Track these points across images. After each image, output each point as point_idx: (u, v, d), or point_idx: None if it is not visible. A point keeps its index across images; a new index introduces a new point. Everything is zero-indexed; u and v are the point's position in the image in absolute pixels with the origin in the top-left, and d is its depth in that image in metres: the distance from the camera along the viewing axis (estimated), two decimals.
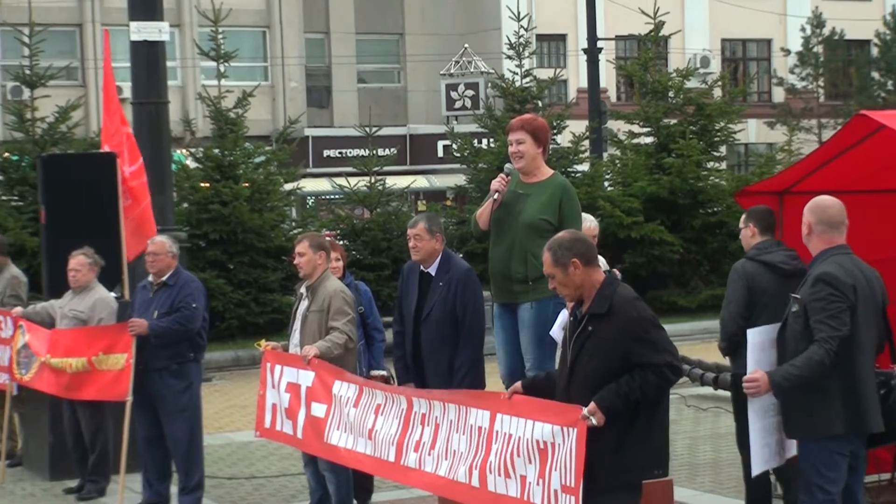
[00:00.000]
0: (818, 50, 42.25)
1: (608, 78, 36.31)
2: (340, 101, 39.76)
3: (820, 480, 6.49)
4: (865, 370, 6.52)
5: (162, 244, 9.52)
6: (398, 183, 22.75)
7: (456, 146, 23.09)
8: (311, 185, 27.34)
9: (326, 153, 36.91)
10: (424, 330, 8.39)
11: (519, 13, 22.98)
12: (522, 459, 6.18)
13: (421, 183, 34.51)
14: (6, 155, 20.09)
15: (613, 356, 5.94)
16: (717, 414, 12.50)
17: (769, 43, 44.14)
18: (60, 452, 10.57)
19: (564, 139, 23.66)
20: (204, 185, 20.20)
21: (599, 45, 28.19)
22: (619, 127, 26.01)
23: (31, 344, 10.34)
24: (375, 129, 22.22)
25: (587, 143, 23.90)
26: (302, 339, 8.55)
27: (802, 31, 42.12)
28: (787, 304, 6.81)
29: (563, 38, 40.94)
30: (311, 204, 27.12)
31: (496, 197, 8.37)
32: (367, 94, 39.53)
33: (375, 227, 20.91)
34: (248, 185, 20.32)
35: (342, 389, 7.95)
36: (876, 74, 42.79)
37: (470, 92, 37.01)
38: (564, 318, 7.50)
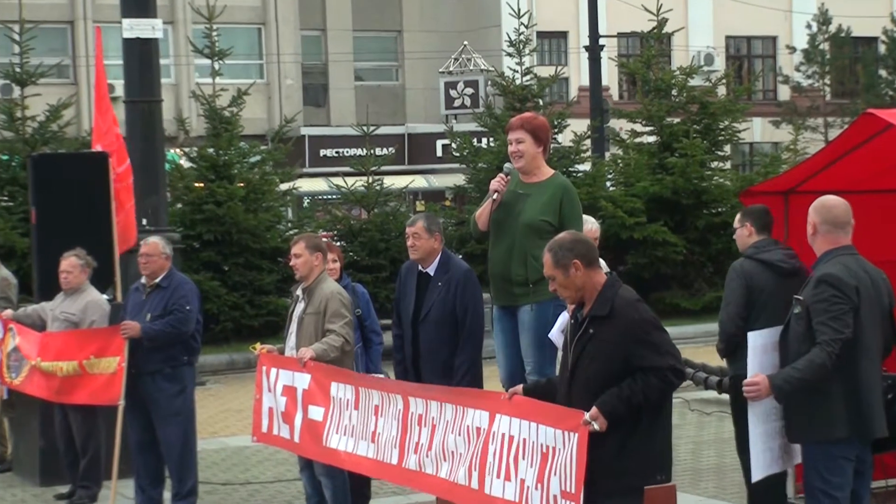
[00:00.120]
0: (824, 47, 42.25)
1: (610, 76, 36.30)
2: (337, 99, 39.75)
3: (824, 485, 6.48)
4: (869, 373, 6.50)
5: (155, 245, 9.52)
6: (396, 183, 22.75)
7: (455, 145, 23.10)
8: (307, 185, 27.35)
9: (323, 152, 36.90)
10: (423, 331, 8.40)
11: (519, 10, 22.98)
12: (522, 462, 6.18)
13: (419, 183, 34.50)
14: None
15: (615, 359, 5.94)
16: (721, 418, 12.49)
17: (774, 40, 44.15)
18: (51, 457, 10.56)
19: (565, 138, 23.67)
20: (198, 185, 20.20)
21: (601, 42, 28.19)
22: (621, 126, 26.00)
23: (21, 347, 10.34)
24: (373, 127, 22.22)
25: (589, 142, 23.90)
26: (298, 342, 8.55)
27: (808, 27, 42.13)
28: (785, 303, 6.81)
29: (564, 35, 40.94)
30: (307, 204, 27.13)
31: (495, 197, 8.37)
32: (364, 92, 39.51)
33: (373, 227, 20.91)
34: (243, 185, 20.33)
35: (340, 391, 7.96)
36: (883, 72, 42.78)
37: (469, 90, 37.01)
38: (563, 320, 7.51)
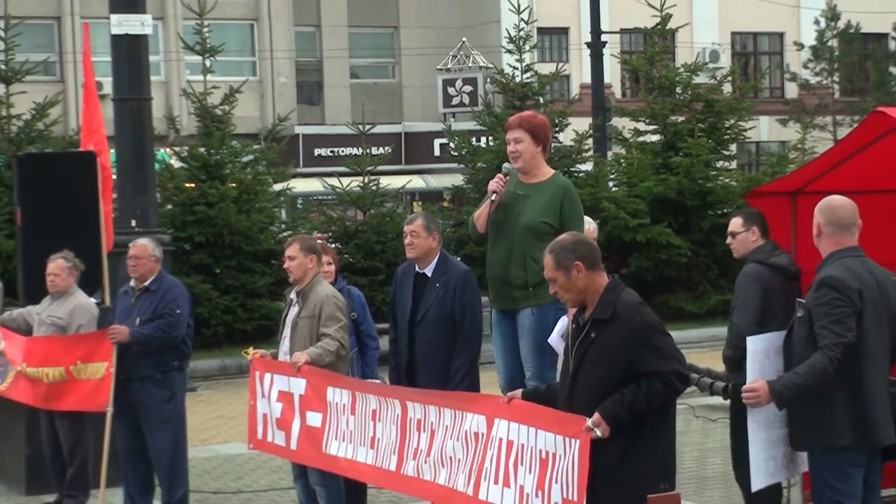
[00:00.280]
0: (833, 44, 42.25)
1: (612, 73, 36.33)
2: (332, 97, 39.75)
3: (832, 494, 6.48)
4: (875, 379, 6.47)
5: (144, 247, 9.51)
6: (393, 183, 22.75)
7: (453, 144, 23.10)
8: (301, 185, 27.33)
9: (317, 152, 36.91)
10: (419, 333, 8.39)
11: (519, 5, 22.96)
12: (521, 468, 6.19)
13: (416, 183, 34.49)
14: None
15: (617, 364, 5.95)
16: (726, 425, 12.41)
17: (781, 36, 44.17)
18: (37, 465, 10.55)
19: (567, 137, 23.68)
20: (189, 185, 20.19)
21: (603, 38, 28.18)
22: (624, 124, 26.03)
23: (6, 352, 10.34)
24: (369, 126, 22.22)
25: (590, 141, 23.91)
26: (292, 346, 8.56)
27: (816, 23, 42.14)
28: (791, 308, 6.81)
29: (565, 31, 40.96)
30: (301, 205, 27.12)
31: (493, 198, 8.38)
32: (360, 89, 39.52)
33: (369, 229, 20.91)
34: (235, 185, 20.32)
35: (336, 396, 7.97)
36: (893, 69, 42.81)
37: (468, 88, 37.02)
38: (563, 325, 7.51)
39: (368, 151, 21.87)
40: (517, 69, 22.80)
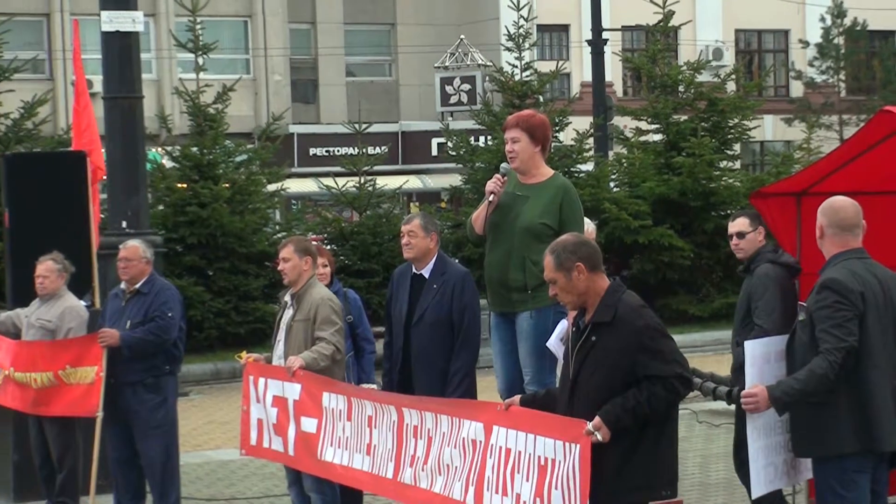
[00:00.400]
0: (839, 41, 42.27)
1: (614, 71, 36.35)
2: (328, 95, 39.76)
3: (838, 501, 6.46)
4: (878, 384, 6.43)
5: (135, 249, 9.51)
6: (389, 183, 22.75)
7: (451, 144, 23.11)
8: (296, 185, 27.35)
9: (313, 151, 36.91)
10: (415, 334, 8.38)
11: (518, 2, 22.97)
12: (518, 476, 6.18)
13: (414, 183, 34.48)
14: None
15: (619, 368, 5.95)
16: (730, 430, 12.44)
17: (787, 34, 44.19)
18: (26, 472, 10.54)
19: (567, 137, 23.68)
20: (181, 185, 20.19)
21: (605, 36, 28.19)
22: (625, 124, 26.04)
23: None
24: (365, 125, 22.23)
25: (591, 140, 23.91)
26: (286, 350, 8.56)
27: (822, 21, 42.16)
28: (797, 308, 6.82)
29: (565, 28, 40.98)
30: (296, 206, 27.12)
31: (491, 199, 8.37)
32: (356, 88, 39.53)
33: (365, 230, 20.92)
34: (228, 185, 20.33)
35: (332, 402, 7.97)
36: None
37: (466, 86, 37.02)
38: (563, 328, 7.51)
39: (364, 151, 21.88)
40: (516, 67, 22.80)
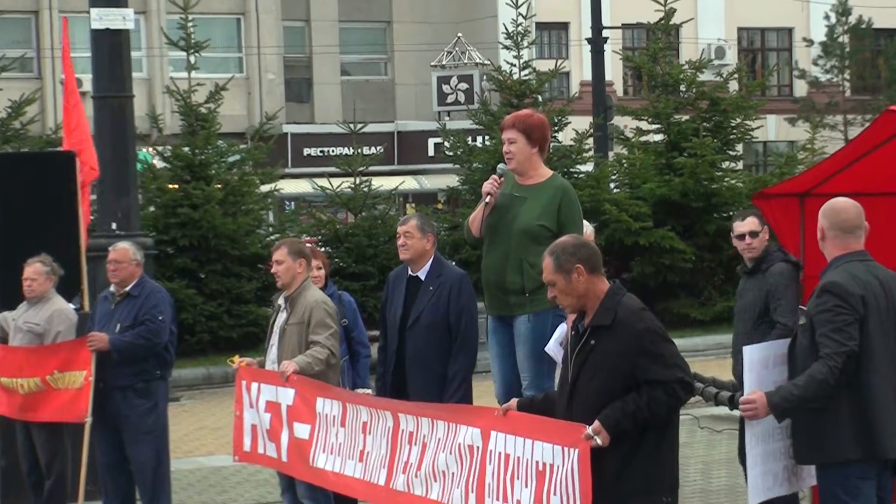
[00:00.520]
0: (844, 40, 42.31)
1: (614, 70, 36.36)
2: (322, 94, 39.77)
3: None
4: (880, 388, 6.41)
5: (125, 251, 9.50)
6: (385, 184, 22.75)
7: (448, 144, 23.11)
8: (289, 186, 27.34)
9: (307, 152, 36.92)
10: (410, 337, 8.36)
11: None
12: (517, 482, 6.18)
13: (410, 184, 34.52)
14: None
15: (619, 372, 5.94)
16: (732, 436, 12.46)
17: (790, 32, 44.22)
18: (13, 478, 10.52)
19: (566, 137, 23.68)
20: (172, 186, 20.19)
21: (605, 34, 28.22)
22: (625, 123, 26.04)
23: None
24: (360, 125, 22.24)
25: (591, 141, 23.92)
26: (280, 354, 8.55)
27: (827, 18, 42.20)
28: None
29: (565, 26, 41.01)
30: (290, 207, 27.12)
31: (488, 200, 8.36)
32: (351, 87, 39.53)
33: (360, 232, 20.91)
34: (220, 186, 20.32)
35: (326, 407, 7.96)
36: None
37: (463, 85, 37.05)
38: (561, 332, 7.51)
39: (360, 151, 21.87)
40: (515, 66, 22.80)
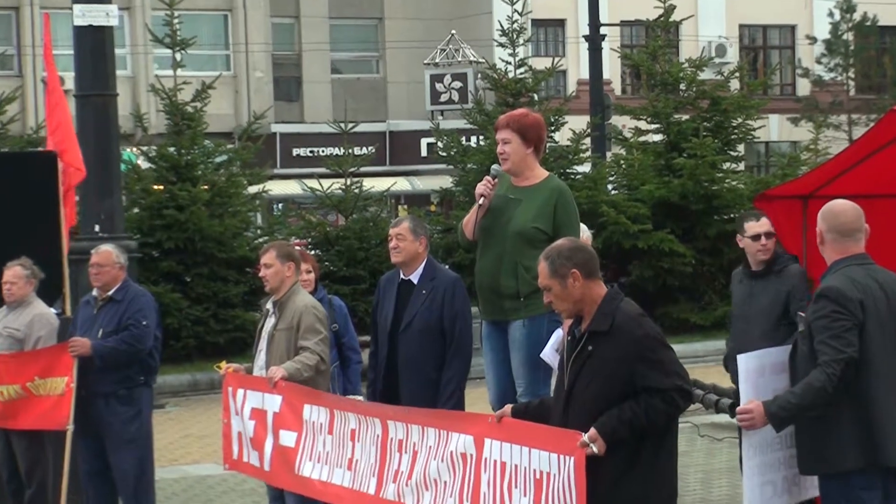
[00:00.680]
0: (848, 37, 42.36)
1: (612, 68, 36.40)
2: (312, 93, 39.77)
3: None
4: (882, 395, 6.38)
5: (108, 254, 9.48)
6: (377, 185, 22.74)
7: (441, 144, 23.12)
8: (278, 187, 27.34)
9: (296, 152, 36.92)
10: (402, 342, 8.35)
11: None
12: (515, 491, 6.18)
13: (402, 185, 34.54)
14: None
15: (616, 379, 5.94)
16: (733, 445, 12.47)
17: (793, 29, 44.28)
18: None
19: (563, 137, 23.69)
20: (157, 187, 20.18)
21: (602, 31, 28.26)
22: (624, 123, 26.07)
23: None
24: (351, 124, 22.22)
25: (588, 141, 23.93)
26: (268, 360, 8.54)
27: (830, 16, 42.25)
28: None
29: (561, 23, 41.04)
30: (278, 209, 27.11)
31: (482, 202, 8.35)
32: (341, 85, 39.54)
33: (351, 235, 20.91)
34: (207, 187, 20.31)
35: (313, 415, 7.94)
36: None
37: (457, 84, 37.08)
38: (557, 338, 7.50)
39: (350, 151, 21.88)
40: (510, 64, 22.82)
